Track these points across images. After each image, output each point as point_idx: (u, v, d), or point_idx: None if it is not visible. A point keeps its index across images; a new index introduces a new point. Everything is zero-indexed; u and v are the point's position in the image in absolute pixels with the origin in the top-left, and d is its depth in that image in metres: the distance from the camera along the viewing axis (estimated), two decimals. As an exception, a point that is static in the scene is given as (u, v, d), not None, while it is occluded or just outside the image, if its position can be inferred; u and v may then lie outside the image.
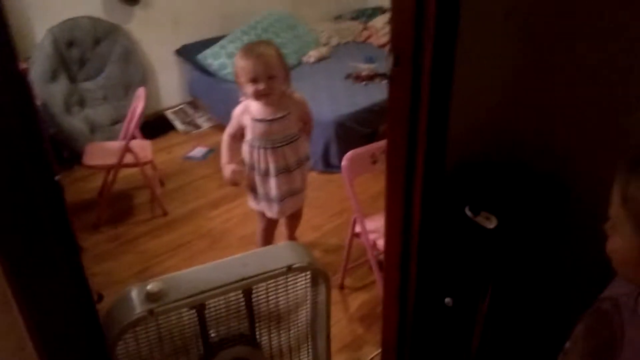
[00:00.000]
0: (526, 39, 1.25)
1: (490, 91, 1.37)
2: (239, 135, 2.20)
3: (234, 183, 2.19)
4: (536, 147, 1.34)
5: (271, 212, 2.26)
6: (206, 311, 1.31)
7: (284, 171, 2.18)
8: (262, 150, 2.14)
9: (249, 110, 2.13)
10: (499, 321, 1.49)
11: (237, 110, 2.17)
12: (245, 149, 2.20)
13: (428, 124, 1.37)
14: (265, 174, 2.18)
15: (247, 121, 2.14)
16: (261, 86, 2.02)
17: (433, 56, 1.28)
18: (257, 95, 2.05)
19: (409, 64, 1.32)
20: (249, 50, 2.07)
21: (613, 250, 0.85)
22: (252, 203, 2.31)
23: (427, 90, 1.33)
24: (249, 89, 2.04)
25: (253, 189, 2.25)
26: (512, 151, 1.37)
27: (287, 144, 2.15)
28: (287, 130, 2.15)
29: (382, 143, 2.03)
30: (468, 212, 1.34)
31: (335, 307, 2.27)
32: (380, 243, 2.08)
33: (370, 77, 3.82)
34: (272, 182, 2.18)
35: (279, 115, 2.11)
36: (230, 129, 2.20)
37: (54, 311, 1.03)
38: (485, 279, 1.45)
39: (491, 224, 1.31)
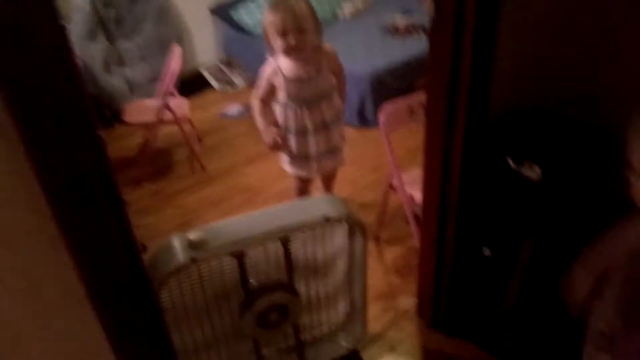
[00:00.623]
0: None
1: (536, 39, 1.32)
2: (270, 97, 2.13)
3: (277, 147, 2.14)
4: (582, 96, 1.29)
5: (308, 171, 2.22)
6: (246, 259, 1.35)
7: (322, 128, 2.12)
8: (298, 109, 2.08)
9: (280, 69, 2.05)
10: (538, 274, 1.48)
11: (267, 71, 2.08)
12: (278, 109, 2.14)
13: (471, 76, 1.33)
14: (303, 133, 2.12)
15: (279, 81, 2.06)
16: (292, 40, 1.94)
17: (476, 5, 1.22)
18: (288, 50, 1.97)
19: (452, 14, 1.27)
20: (279, 3, 1.99)
21: None
22: (287, 166, 2.26)
23: (470, 42, 1.28)
24: (279, 43, 1.97)
25: (290, 151, 2.19)
26: (558, 100, 1.33)
27: (323, 99, 2.09)
28: (322, 85, 2.07)
29: (420, 96, 1.99)
30: (511, 162, 1.31)
31: (370, 258, 2.29)
32: (418, 196, 2.07)
33: (409, 31, 3.71)
34: (311, 141, 2.13)
35: (313, 73, 2.04)
36: (260, 92, 2.11)
37: (102, 258, 1.08)
38: (526, 231, 1.43)
39: (534, 174, 1.28)
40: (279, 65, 2.05)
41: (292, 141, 2.15)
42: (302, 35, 1.95)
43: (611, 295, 0.93)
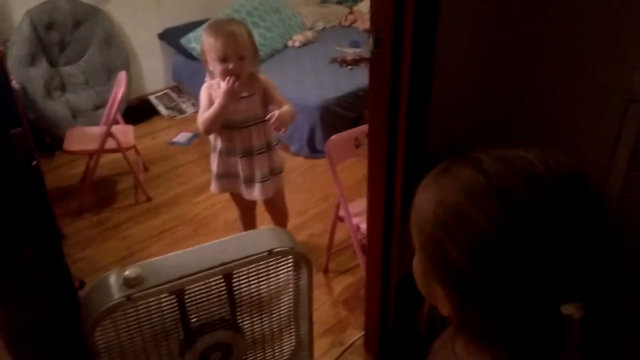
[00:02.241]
0: (507, 19, 1.24)
1: (472, 73, 1.36)
2: None
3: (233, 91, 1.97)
4: (518, 129, 1.34)
5: (234, 188, 2.19)
6: (186, 296, 1.30)
7: (247, 154, 2.10)
8: (227, 130, 2.06)
9: (214, 89, 2.04)
10: None
11: (204, 88, 2.07)
12: (216, 137, 2.12)
13: (409, 107, 1.36)
14: (229, 154, 2.11)
15: (214, 97, 2.02)
16: (231, 65, 1.94)
17: (413, 38, 1.26)
18: (226, 75, 1.96)
19: (390, 47, 1.31)
20: (219, 27, 1.97)
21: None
22: (213, 187, 2.21)
23: (408, 73, 1.31)
24: (218, 67, 1.96)
25: (218, 173, 2.16)
26: (494, 133, 1.37)
27: (253, 125, 2.06)
28: (252, 111, 2.05)
29: (365, 127, 2.00)
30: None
31: (319, 290, 2.28)
32: (364, 227, 2.07)
33: (356, 62, 3.79)
34: (237, 163, 2.11)
35: (244, 94, 2.02)
36: (202, 111, 2.05)
37: (19, 297, 1.01)
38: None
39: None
40: (213, 85, 2.05)
41: (217, 160, 2.14)
42: (241, 62, 1.96)
43: None
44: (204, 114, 2.03)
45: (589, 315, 0.53)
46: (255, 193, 2.16)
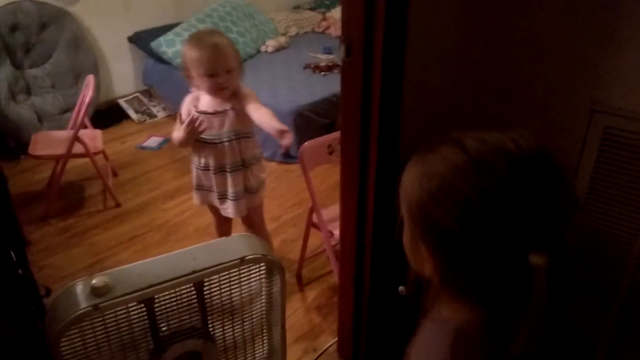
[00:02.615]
0: (475, 29, 1.26)
1: (442, 81, 1.38)
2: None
3: (193, 130, 1.89)
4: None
5: (211, 201, 2.13)
6: (156, 305, 1.28)
7: (221, 171, 2.02)
8: (200, 144, 1.99)
9: (197, 100, 1.97)
10: None
11: (187, 101, 2.00)
12: (193, 150, 2.06)
13: (380, 114, 1.37)
14: (204, 168, 2.04)
15: (192, 110, 1.96)
16: (221, 80, 1.87)
17: (384, 46, 1.28)
18: (216, 90, 1.90)
19: (361, 55, 1.32)
20: (201, 39, 1.89)
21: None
22: (194, 198, 2.17)
23: (379, 80, 1.33)
24: (205, 83, 1.89)
25: (196, 185, 2.11)
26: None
27: (227, 141, 1.97)
28: (226, 127, 1.96)
29: (338, 134, 2.01)
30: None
31: (292, 297, 2.27)
32: (337, 233, 2.07)
33: (329, 68, 3.81)
34: (211, 178, 2.05)
35: (218, 109, 1.94)
36: (177, 125, 1.96)
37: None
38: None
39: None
40: (198, 96, 1.99)
41: (194, 171, 2.09)
42: (229, 75, 1.89)
43: None
44: (175, 132, 1.97)
45: (553, 267, 0.63)
46: (229, 210, 2.09)
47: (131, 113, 4.02)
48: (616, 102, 1.11)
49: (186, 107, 2.00)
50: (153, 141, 3.69)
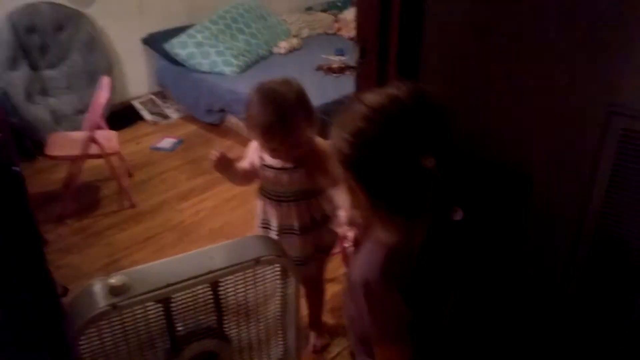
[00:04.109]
0: (492, 30, 1.26)
1: (456, 83, 1.38)
2: (247, 173, 1.78)
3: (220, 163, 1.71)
4: (500, 141, 1.36)
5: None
6: (172, 305, 1.29)
7: (288, 232, 1.79)
8: (267, 200, 1.79)
9: (261, 150, 1.74)
10: (463, 325, 1.50)
11: (253, 147, 1.78)
12: (258, 200, 1.85)
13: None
14: (267, 226, 1.83)
15: (257, 160, 1.76)
16: (277, 144, 1.63)
17: (398, 48, 1.28)
18: (275, 156, 1.70)
19: (375, 56, 1.32)
20: (268, 93, 1.67)
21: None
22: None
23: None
24: (265, 146, 1.67)
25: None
26: (479, 140, 1.38)
27: (293, 201, 1.76)
28: (295, 185, 1.73)
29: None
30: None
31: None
32: (351, 235, 2.07)
33: (341, 70, 3.81)
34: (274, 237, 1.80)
35: (288, 166, 1.70)
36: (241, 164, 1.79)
37: (8, 310, 0.99)
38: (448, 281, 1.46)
39: (457, 216, 1.32)
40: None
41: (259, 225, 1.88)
42: (291, 135, 1.61)
43: None
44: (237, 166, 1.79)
45: (441, 165, 0.85)
46: (303, 270, 1.79)
47: (145, 114, 4.06)
48: (634, 104, 1.11)
49: (251, 157, 1.78)
50: (167, 142, 3.72)
